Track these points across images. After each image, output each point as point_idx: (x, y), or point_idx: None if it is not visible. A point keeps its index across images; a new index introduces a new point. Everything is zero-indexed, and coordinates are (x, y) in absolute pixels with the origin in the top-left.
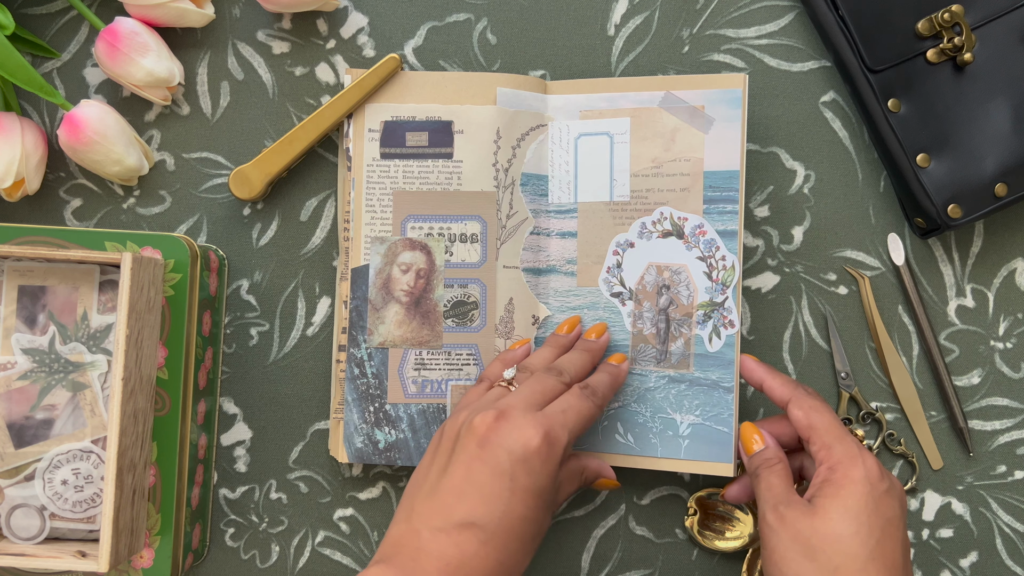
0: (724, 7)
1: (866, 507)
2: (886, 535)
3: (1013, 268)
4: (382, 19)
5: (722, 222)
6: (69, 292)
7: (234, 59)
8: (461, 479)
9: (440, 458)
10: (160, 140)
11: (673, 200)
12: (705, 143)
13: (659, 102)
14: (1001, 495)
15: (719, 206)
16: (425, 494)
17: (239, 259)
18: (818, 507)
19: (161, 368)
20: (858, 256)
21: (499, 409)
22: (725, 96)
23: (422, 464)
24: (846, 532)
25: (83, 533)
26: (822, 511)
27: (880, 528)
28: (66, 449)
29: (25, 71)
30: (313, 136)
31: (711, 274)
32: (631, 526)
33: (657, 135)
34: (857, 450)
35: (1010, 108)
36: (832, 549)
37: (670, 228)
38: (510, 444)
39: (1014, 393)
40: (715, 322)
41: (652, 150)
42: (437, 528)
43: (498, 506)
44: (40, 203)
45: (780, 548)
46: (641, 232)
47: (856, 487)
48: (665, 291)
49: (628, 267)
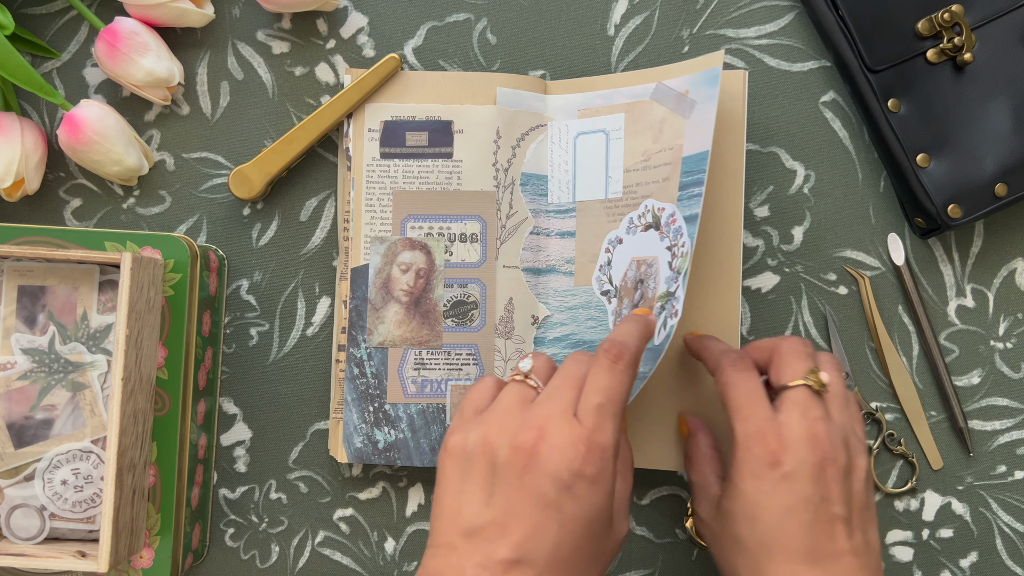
0: (724, 7)
1: (756, 504)
2: (784, 527)
3: (1013, 268)
4: (382, 19)
5: (689, 207)
6: (69, 292)
7: (234, 59)
8: (503, 512)
9: (474, 486)
10: (160, 140)
11: (656, 191)
12: (686, 128)
13: (651, 94)
14: (1001, 495)
15: (689, 191)
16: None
17: (239, 259)
18: (722, 510)
19: (161, 368)
20: (858, 256)
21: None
22: (706, 77)
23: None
24: (742, 534)
25: (83, 533)
26: (723, 516)
27: (776, 520)
28: (66, 449)
29: (25, 71)
30: (313, 136)
31: (672, 262)
32: (631, 526)
33: (648, 128)
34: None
35: (1010, 108)
36: (733, 552)
37: (651, 220)
38: (553, 469)
39: (1014, 393)
40: (666, 314)
41: (643, 143)
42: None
43: (546, 540)
44: (40, 203)
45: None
46: (628, 228)
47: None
48: (640, 286)
49: (616, 264)
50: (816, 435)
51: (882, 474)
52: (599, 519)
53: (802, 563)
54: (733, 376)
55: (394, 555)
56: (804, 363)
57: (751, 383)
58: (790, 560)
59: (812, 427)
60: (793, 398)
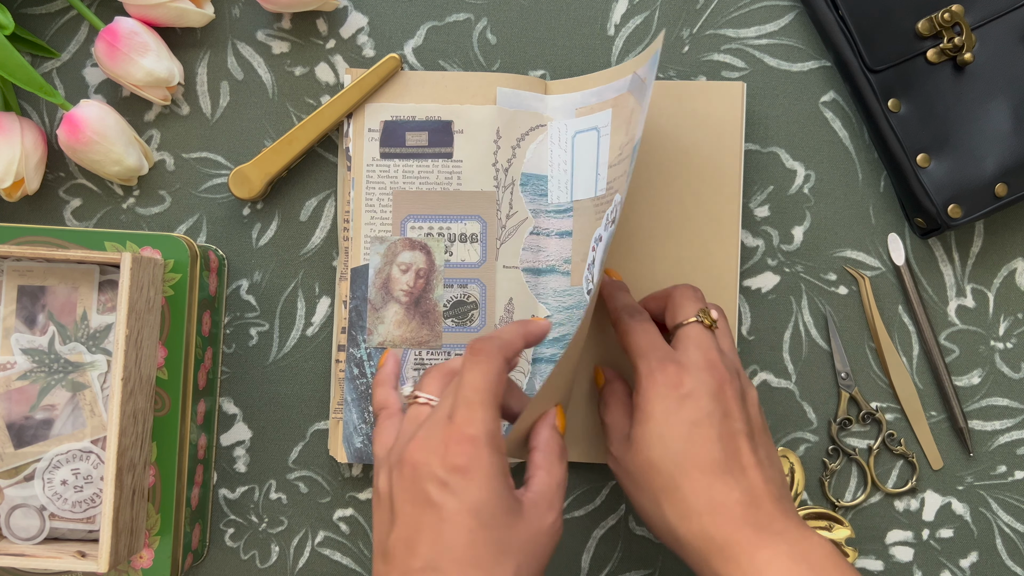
0: (724, 7)
1: (665, 423)
2: (693, 440)
3: (1013, 268)
4: (382, 19)
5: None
6: (69, 292)
7: (234, 59)
8: (404, 525)
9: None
10: (160, 140)
11: (620, 186)
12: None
13: (628, 86)
14: (1001, 495)
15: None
16: (382, 554)
17: (239, 259)
18: (632, 440)
19: (161, 368)
20: (858, 256)
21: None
22: (652, 61)
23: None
24: (654, 455)
25: (83, 533)
26: (636, 444)
27: (683, 436)
28: (66, 449)
29: (25, 71)
30: (313, 136)
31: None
32: (631, 526)
33: (624, 121)
34: (657, 365)
35: (1010, 108)
36: (648, 475)
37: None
38: (428, 471)
39: (1014, 393)
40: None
41: (620, 137)
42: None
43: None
44: (40, 203)
45: (621, 481)
46: (605, 225)
47: (654, 408)
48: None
49: (597, 262)
50: (711, 361)
51: (882, 474)
52: (487, 509)
53: (714, 475)
54: (631, 325)
55: None
56: (695, 304)
57: (648, 329)
58: (703, 473)
59: (707, 355)
60: (687, 332)
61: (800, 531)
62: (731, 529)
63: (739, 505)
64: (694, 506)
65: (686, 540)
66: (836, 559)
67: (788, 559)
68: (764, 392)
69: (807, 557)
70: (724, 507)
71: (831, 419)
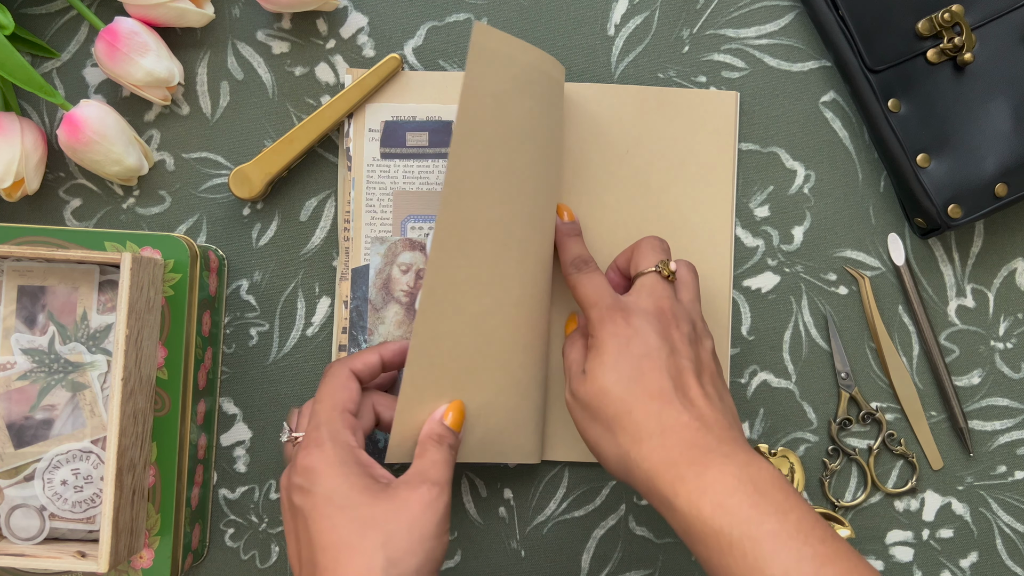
0: (724, 7)
1: (616, 352)
2: (643, 370)
3: (1013, 268)
4: (382, 19)
5: None
6: (69, 292)
7: (234, 59)
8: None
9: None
10: (160, 140)
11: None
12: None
13: None
14: (1001, 495)
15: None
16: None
17: (239, 259)
18: (587, 372)
19: (161, 368)
20: (858, 256)
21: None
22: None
23: None
24: (607, 383)
25: (83, 533)
26: (589, 375)
27: (633, 366)
28: (66, 449)
29: (25, 71)
30: (313, 136)
31: None
32: (631, 526)
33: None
34: (606, 312)
35: (1010, 108)
36: (601, 403)
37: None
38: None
39: (1014, 393)
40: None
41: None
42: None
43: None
44: (40, 203)
45: (576, 417)
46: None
47: (606, 343)
48: None
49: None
50: (660, 307)
51: (882, 474)
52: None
53: (663, 400)
54: (580, 279)
55: None
56: (656, 255)
57: (594, 279)
58: (652, 398)
59: (657, 302)
60: (643, 282)
61: (748, 455)
62: (680, 450)
63: (688, 429)
64: (645, 428)
65: (636, 464)
66: (782, 483)
67: (734, 479)
68: (764, 392)
69: (753, 479)
70: (674, 430)
71: (831, 419)
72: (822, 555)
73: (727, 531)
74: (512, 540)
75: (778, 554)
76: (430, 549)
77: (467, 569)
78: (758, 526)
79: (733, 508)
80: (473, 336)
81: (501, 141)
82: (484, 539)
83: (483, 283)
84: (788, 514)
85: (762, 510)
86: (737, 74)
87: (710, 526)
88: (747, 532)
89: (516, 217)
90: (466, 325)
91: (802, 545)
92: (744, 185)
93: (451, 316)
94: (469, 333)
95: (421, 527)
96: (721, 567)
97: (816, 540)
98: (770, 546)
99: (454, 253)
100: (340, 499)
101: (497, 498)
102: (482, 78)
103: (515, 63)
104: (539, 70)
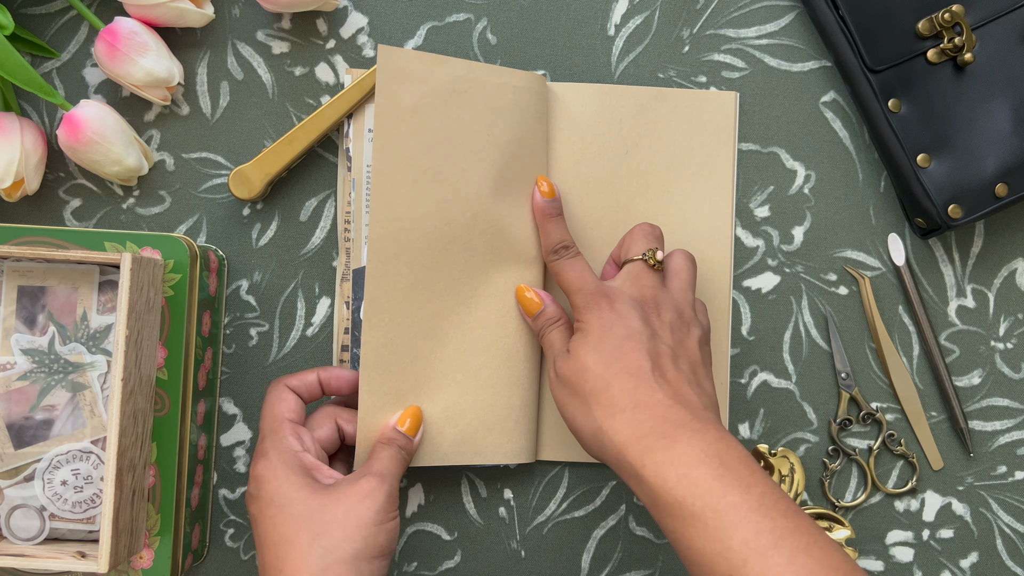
0: (724, 7)
1: (600, 333)
2: (624, 350)
3: (1013, 268)
4: (382, 19)
5: None
6: (69, 292)
7: (234, 59)
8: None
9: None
10: (160, 140)
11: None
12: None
13: None
14: (1001, 495)
15: None
16: None
17: (239, 259)
18: (570, 351)
19: (161, 368)
20: (858, 256)
21: None
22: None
23: None
24: (588, 361)
25: (83, 534)
26: (573, 353)
27: (615, 346)
28: (66, 450)
29: (25, 71)
30: (313, 136)
31: None
32: (631, 526)
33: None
34: (591, 297)
35: (1010, 108)
36: (581, 378)
37: None
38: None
39: (1014, 394)
40: None
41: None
42: None
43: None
44: (39, 203)
45: (557, 395)
46: None
47: (591, 325)
48: None
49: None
50: (644, 296)
51: (882, 474)
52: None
53: (640, 378)
54: (561, 265)
55: (394, 555)
56: (646, 243)
57: (579, 264)
58: (630, 375)
59: (641, 291)
60: (629, 268)
61: (720, 433)
62: (652, 424)
63: (661, 405)
64: (619, 403)
65: (608, 437)
66: (749, 461)
67: (701, 452)
68: (764, 392)
69: (720, 454)
70: (648, 405)
71: (831, 419)
72: (783, 528)
73: (690, 502)
74: (512, 540)
75: (739, 526)
76: (369, 536)
77: (467, 569)
78: (721, 498)
79: (697, 479)
80: (426, 341)
81: (426, 151)
82: (484, 539)
83: (428, 288)
84: (752, 488)
85: (726, 483)
86: (737, 74)
87: (674, 496)
88: (710, 503)
89: (456, 221)
90: (417, 331)
91: (763, 518)
92: (744, 185)
93: (399, 323)
94: (422, 338)
95: (358, 515)
96: (685, 538)
97: (778, 514)
98: (732, 517)
99: (392, 262)
100: (280, 499)
101: (497, 498)
102: (395, 96)
103: (433, 76)
104: (470, 79)
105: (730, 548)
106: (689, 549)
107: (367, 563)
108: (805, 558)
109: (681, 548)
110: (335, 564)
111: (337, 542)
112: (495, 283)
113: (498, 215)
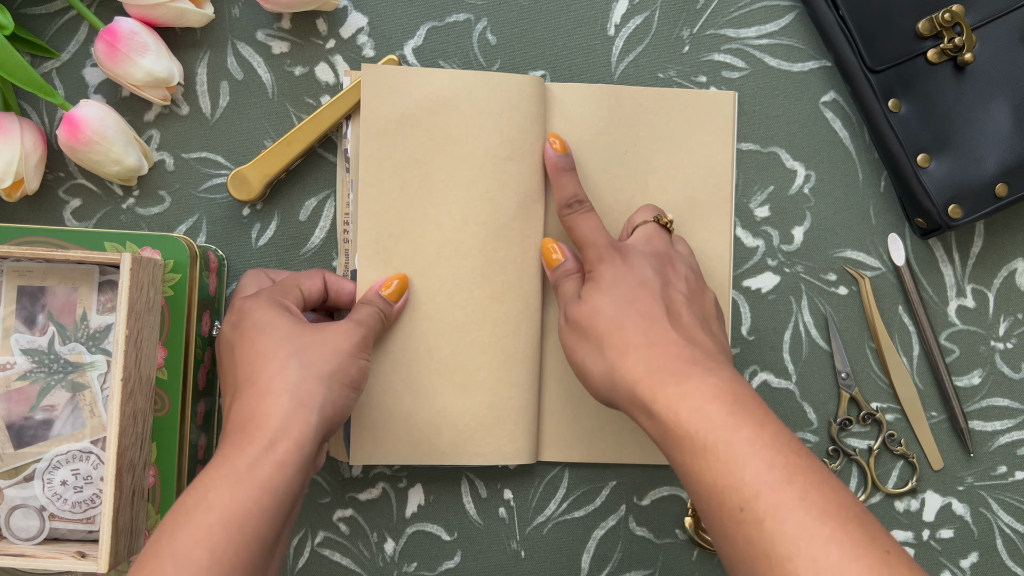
0: (724, 7)
1: (613, 280)
2: (638, 295)
3: (1013, 268)
4: (382, 19)
5: None
6: (68, 292)
7: (233, 59)
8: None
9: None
10: (159, 140)
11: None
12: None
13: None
14: (1001, 496)
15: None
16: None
17: (238, 259)
18: (582, 297)
19: (160, 368)
20: (858, 256)
21: None
22: None
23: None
24: (601, 304)
25: (83, 534)
26: (584, 298)
27: (629, 290)
28: (65, 450)
29: (24, 71)
30: (311, 138)
31: None
32: (631, 527)
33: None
34: (604, 250)
35: (1011, 108)
36: (593, 321)
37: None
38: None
39: (1014, 394)
40: None
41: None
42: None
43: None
44: (39, 203)
45: (566, 340)
46: None
47: (605, 272)
48: None
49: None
50: (657, 249)
51: (882, 474)
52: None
53: (654, 320)
54: (576, 218)
55: (394, 556)
56: (653, 211)
57: (592, 219)
58: (644, 317)
59: (654, 245)
60: (641, 229)
61: (734, 374)
62: (665, 360)
63: (676, 344)
64: (633, 341)
65: (620, 375)
66: (762, 402)
67: (715, 388)
68: (764, 392)
69: (735, 391)
70: (662, 344)
71: (831, 419)
72: (795, 465)
73: (702, 435)
74: (512, 541)
75: (751, 460)
76: (344, 362)
77: (467, 570)
78: (734, 432)
79: (711, 413)
80: (421, 343)
81: (413, 160)
82: (484, 540)
83: (417, 292)
84: (765, 426)
85: (739, 418)
86: (737, 74)
87: (686, 429)
88: (722, 437)
89: (446, 225)
90: (411, 333)
91: (776, 454)
92: (744, 185)
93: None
94: (417, 340)
95: (335, 342)
96: (694, 471)
97: (791, 452)
98: (744, 451)
99: (381, 268)
100: (263, 324)
101: (497, 499)
102: (378, 111)
103: (417, 88)
104: (455, 87)
105: (742, 481)
106: (699, 483)
107: (340, 387)
108: (817, 495)
109: (690, 482)
110: (311, 379)
111: (314, 360)
112: (490, 285)
113: (491, 217)
